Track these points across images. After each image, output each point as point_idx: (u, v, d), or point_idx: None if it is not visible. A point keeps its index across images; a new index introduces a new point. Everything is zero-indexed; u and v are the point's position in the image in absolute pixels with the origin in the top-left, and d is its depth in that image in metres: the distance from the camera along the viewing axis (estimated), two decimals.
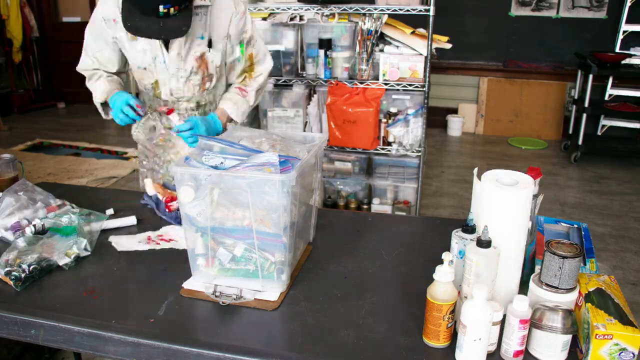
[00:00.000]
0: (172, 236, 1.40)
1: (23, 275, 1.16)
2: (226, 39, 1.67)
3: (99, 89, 1.70)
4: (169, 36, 1.51)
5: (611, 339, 0.88)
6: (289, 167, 1.12)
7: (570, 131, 4.95)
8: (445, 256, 0.97)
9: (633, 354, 0.88)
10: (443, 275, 0.95)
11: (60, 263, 1.24)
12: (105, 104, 1.71)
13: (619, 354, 0.88)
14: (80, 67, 1.76)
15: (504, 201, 1.00)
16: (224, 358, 0.96)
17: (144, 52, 1.62)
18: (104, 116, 1.75)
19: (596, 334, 0.88)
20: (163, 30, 1.45)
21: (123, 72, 1.79)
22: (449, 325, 0.96)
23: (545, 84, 5.28)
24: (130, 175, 4.28)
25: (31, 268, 1.18)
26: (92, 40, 1.69)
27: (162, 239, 1.38)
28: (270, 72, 1.84)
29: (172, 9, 1.41)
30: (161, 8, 1.39)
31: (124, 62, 1.74)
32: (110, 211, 1.53)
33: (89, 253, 1.31)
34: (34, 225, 1.33)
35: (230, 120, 1.74)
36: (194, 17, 1.55)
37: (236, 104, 1.73)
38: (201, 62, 1.65)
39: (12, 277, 1.15)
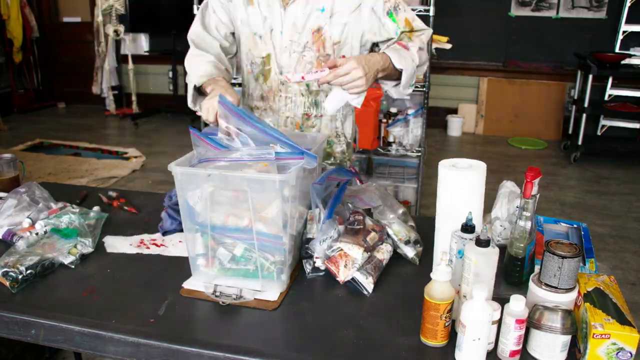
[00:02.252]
0: (165, 242, 1.39)
1: (20, 276, 1.16)
2: (356, 13, 1.44)
3: (198, 69, 1.45)
4: None
5: (608, 338, 0.88)
6: (301, 157, 1.12)
7: (570, 131, 4.96)
8: (443, 255, 0.97)
9: (630, 353, 0.88)
10: (440, 274, 0.95)
11: (66, 262, 1.25)
12: (198, 92, 1.47)
13: (617, 354, 0.89)
14: (190, 35, 1.55)
15: (460, 182, 1.09)
16: (224, 358, 0.97)
17: (264, 19, 1.47)
18: (191, 105, 1.49)
19: (594, 334, 0.88)
20: None
21: (228, 52, 1.58)
22: (446, 325, 0.96)
23: (545, 84, 5.28)
24: (130, 176, 4.29)
25: (27, 271, 1.18)
26: (209, 2, 1.53)
27: (153, 243, 1.38)
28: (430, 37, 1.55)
29: None
30: None
31: (231, 38, 1.57)
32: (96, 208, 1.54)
33: (92, 250, 1.32)
34: (37, 234, 1.33)
35: (392, 73, 1.39)
36: None
37: (400, 54, 1.39)
38: (317, 37, 1.46)
39: (9, 278, 1.15)
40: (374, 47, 1.54)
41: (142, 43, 6.25)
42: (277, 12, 1.45)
